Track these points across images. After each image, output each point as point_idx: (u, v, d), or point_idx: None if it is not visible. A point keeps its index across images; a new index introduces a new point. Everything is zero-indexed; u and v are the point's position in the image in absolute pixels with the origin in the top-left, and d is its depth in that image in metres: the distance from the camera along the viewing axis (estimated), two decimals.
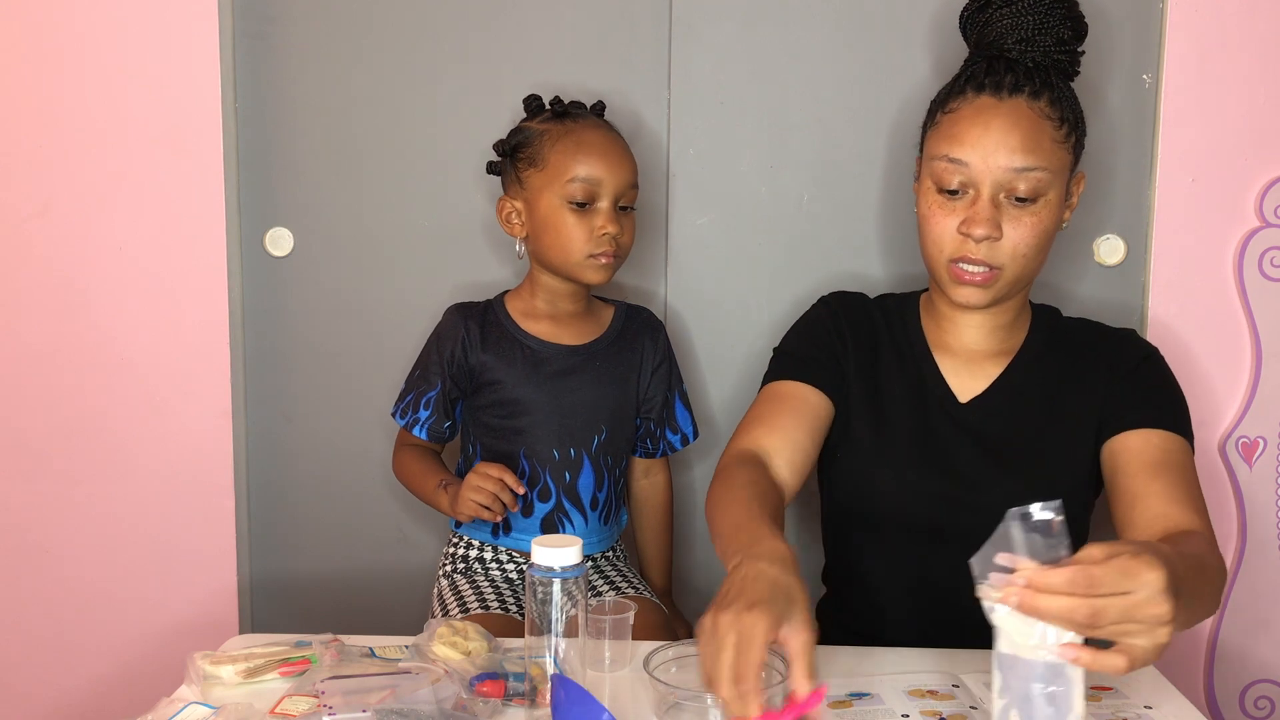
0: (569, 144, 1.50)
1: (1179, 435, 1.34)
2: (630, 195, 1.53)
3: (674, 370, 1.67)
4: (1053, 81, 1.34)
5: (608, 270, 1.53)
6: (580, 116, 1.55)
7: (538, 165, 1.52)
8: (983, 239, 1.31)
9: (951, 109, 1.36)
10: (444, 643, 1.20)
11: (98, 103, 1.75)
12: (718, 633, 0.95)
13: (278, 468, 1.84)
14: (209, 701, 1.10)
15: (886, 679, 1.18)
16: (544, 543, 1.12)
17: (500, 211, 1.58)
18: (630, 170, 1.53)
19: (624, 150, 1.54)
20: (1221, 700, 1.77)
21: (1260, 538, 1.74)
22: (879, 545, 1.43)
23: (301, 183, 1.78)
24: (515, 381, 1.55)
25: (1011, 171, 1.30)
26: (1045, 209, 1.32)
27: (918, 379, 1.43)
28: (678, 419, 1.67)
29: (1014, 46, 1.36)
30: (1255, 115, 1.68)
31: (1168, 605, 0.90)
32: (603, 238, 1.50)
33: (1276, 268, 1.69)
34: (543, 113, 1.57)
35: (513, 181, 1.56)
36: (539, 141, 1.52)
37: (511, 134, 1.58)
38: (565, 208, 1.50)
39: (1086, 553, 0.92)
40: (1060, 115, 1.33)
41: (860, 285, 1.76)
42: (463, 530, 1.62)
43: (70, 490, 1.82)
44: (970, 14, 1.42)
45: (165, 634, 1.84)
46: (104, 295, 1.78)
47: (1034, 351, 1.42)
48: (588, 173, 1.49)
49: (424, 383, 1.58)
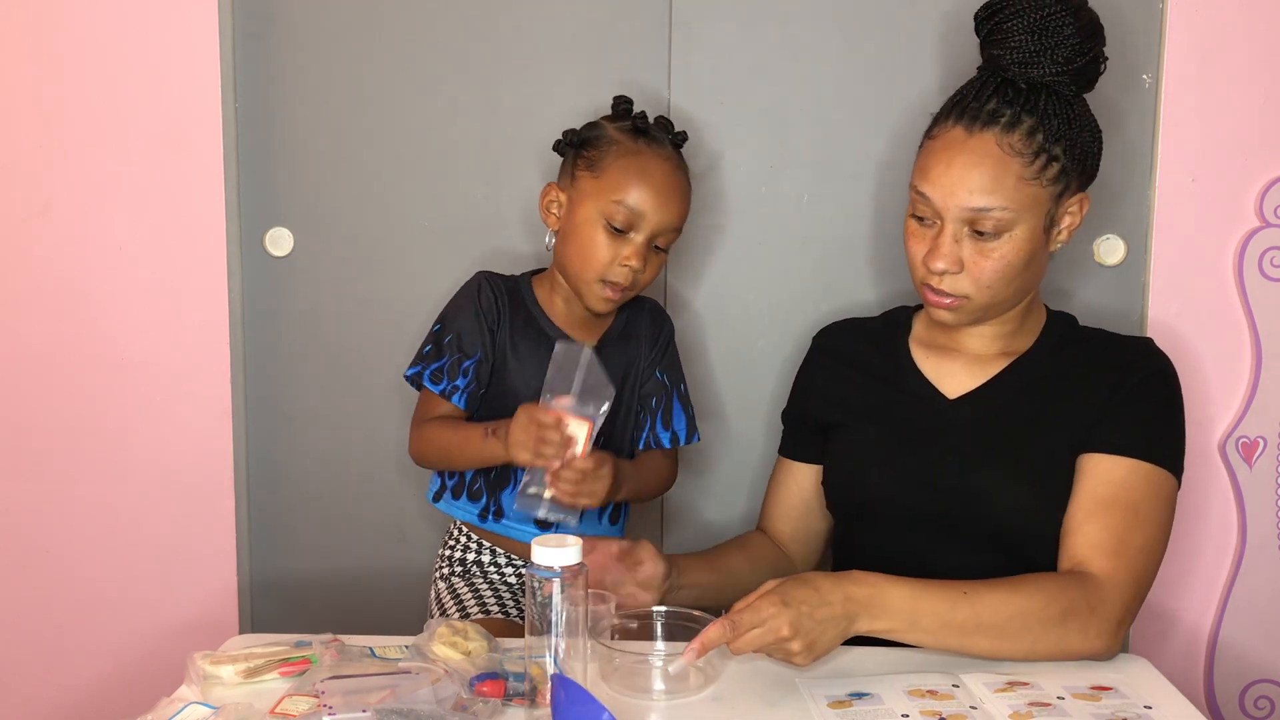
0: (631, 165, 1.45)
1: (1152, 464, 1.32)
2: (670, 237, 1.48)
3: (674, 366, 1.62)
4: (1043, 106, 1.31)
5: (611, 304, 1.49)
6: (655, 142, 1.48)
7: (594, 171, 1.46)
8: (941, 273, 1.33)
9: (933, 134, 1.37)
10: (444, 643, 1.20)
11: (98, 103, 1.75)
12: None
13: (278, 468, 1.84)
14: (209, 701, 1.10)
15: (886, 679, 1.19)
16: (544, 543, 1.12)
17: (544, 196, 1.52)
18: (680, 214, 1.47)
19: (683, 192, 1.48)
20: (1221, 700, 1.77)
21: (1260, 538, 1.74)
22: (875, 542, 1.44)
23: (301, 183, 1.78)
24: (522, 373, 1.51)
25: (971, 210, 1.31)
26: (1010, 244, 1.32)
27: (904, 380, 1.46)
28: (672, 415, 1.61)
29: (1012, 67, 1.33)
30: (1255, 115, 1.67)
31: (786, 632, 1.14)
32: (623, 269, 1.45)
33: (1276, 268, 1.69)
34: (625, 120, 1.50)
35: (566, 173, 1.50)
36: (605, 148, 1.47)
37: (585, 127, 1.51)
38: (601, 224, 1.44)
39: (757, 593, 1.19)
40: (1036, 148, 1.30)
41: (859, 285, 1.77)
42: (443, 507, 1.56)
43: (70, 490, 1.82)
44: (981, 19, 1.40)
45: (165, 634, 1.84)
46: (104, 295, 1.78)
47: (1039, 356, 1.43)
48: (636, 201, 1.43)
49: (461, 348, 1.50)
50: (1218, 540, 1.74)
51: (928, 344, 1.48)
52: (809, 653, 1.16)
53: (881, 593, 1.21)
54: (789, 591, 1.17)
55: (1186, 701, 1.15)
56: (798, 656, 1.16)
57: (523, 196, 1.76)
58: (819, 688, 1.17)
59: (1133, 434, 1.33)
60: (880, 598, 1.20)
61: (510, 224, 1.77)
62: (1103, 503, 1.31)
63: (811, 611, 1.16)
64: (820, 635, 1.17)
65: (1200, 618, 1.77)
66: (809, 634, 1.16)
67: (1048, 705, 1.11)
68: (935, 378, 1.44)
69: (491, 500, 1.53)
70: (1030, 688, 1.15)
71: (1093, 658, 1.25)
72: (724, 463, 1.81)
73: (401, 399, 1.80)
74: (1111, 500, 1.31)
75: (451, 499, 1.56)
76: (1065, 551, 1.32)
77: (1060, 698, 1.13)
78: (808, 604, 1.16)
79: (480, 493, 1.54)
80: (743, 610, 1.16)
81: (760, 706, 1.14)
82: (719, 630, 1.14)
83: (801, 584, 1.18)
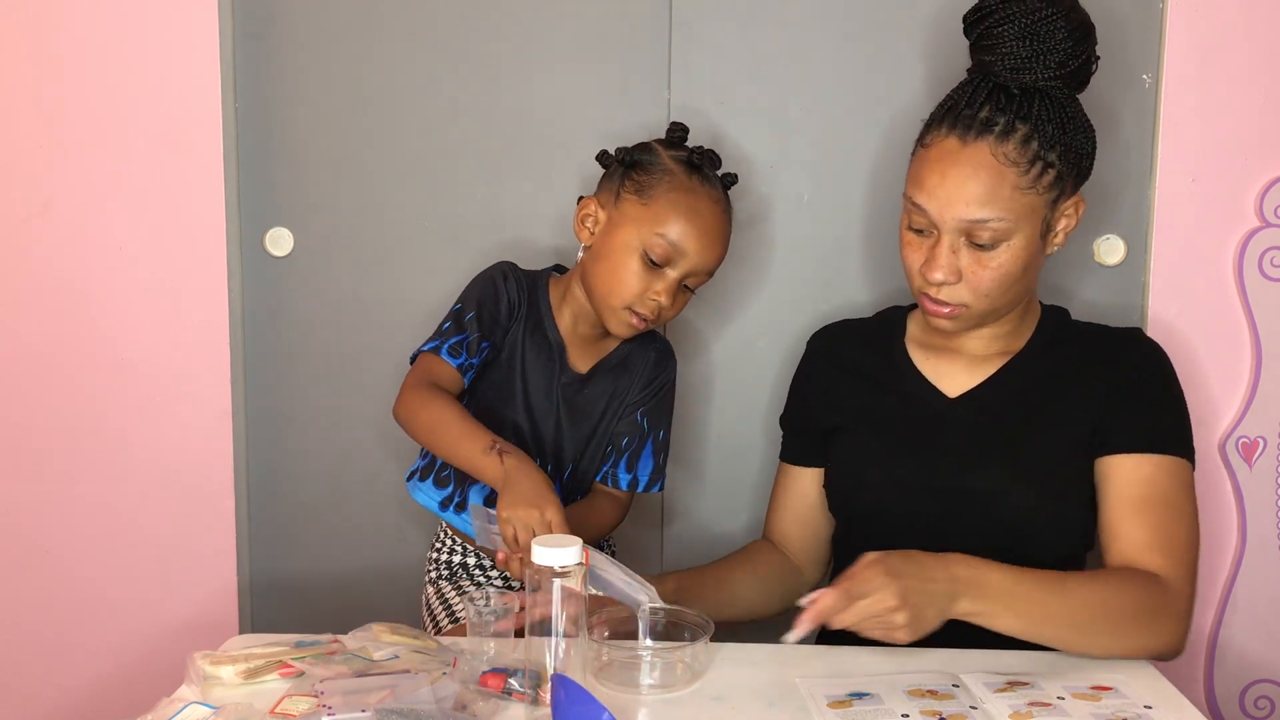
0: (681, 202, 1.42)
1: (1173, 456, 1.34)
2: (702, 280, 1.46)
3: (660, 413, 1.56)
4: (1036, 112, 1.29)
5: (634, 331, 1.46)
6: (708, 181, 1.45)
7: (642, 197, 1.43)
8: (940, 284, 1.33)
9: (926, 143, 1.35)
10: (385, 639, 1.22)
11: (98, 103, 1.75)
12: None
13: (278, 468, 1.84)
14: (209, 701, 1.10)
15: (886, 679, 1.18)
16: (544, 543, 1.12)
17: (580, 209, 1.48)
18: (718, 259, 1.46)
19: (726, 237, 1.46)
20: (1221, 700, 1.77)
21: (1260, 538, 1.74)
22: (877, 544, 1.43)
23: (301, 183, 1.78)
24: (519, 372, 1.49)
25: (968, 222, 1.30)
26: (1009, 252, 1.31)
27: (901, 382, 1.45)
28: (639, 460, 1.54)
29: (1004, 73, 1.31)
30: (1255, 115, 1.67)
31: (894, 602, 1.13)
32: (651, 302, 1.42)
33: (1276, 268, 1.69)
34: (680, 150, 1.47)
35: (610, 191, 1.46)
36: (658, 176, 1.43)
37: (637, 148, 1.48)
38: (639, 253, 1.41)
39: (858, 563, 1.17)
40: (1032, 156, 1.29)
41: (859, 285, 1.77)
42: (410, 488, 1.52)
43: (70, 490, 1.82)
44: (970, 23, 1.38)
45: (165, 634, 1.84)
46: (104, 295, 1.78)
47: (1035, 352, 1.43)
48: (679, 238, 1.41)
49: (481, 328, 1.46)
50: (1218, 540, 1.74)
51: (924, 344, 1.47)
52: (914, 626, 1.14)
53: (983, 575, 1.20)
54: (894, 564, 1.16)
55: (1186, 701, 1.15)
56: (901, 630, 1.14)
57: (523, 196, 1.76)
58: (819, 688, 1.17)
59: (1148, 431, 1.34)
60: (982, 579, 1.20)
61: (510, 224, 1.77)
62: (1138, 503, 1.31)
63: (919, 585, 1.15)
64: (926, 609, 1.15)
65: (1200, 618, 1.77)
66: (916, 607, 1.14)
67: (1048, 705, 1.11)
68: (934, 378, 1.44)
69: (457, 490, 1.50)
70: (1030, 688, 1.15)
71: (1162, 657, 1.26)
72: (724, 464, 1.81)
73: None
74: (1145, 500, 1.31)
75: (419, 481, 1.52)
76: (1112, 557, 1.32)
77: (1060, 698, 1.13)
78: (915, 577, 1.15)
79: (448, 480, 1.50)
80: (848, 581, 1.14)
81: (760, 706, 1.14)
82: (833, 599, 1.12)
83: (906, 558, 1.18)
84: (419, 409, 1.39)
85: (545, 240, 1.76)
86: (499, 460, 1.29)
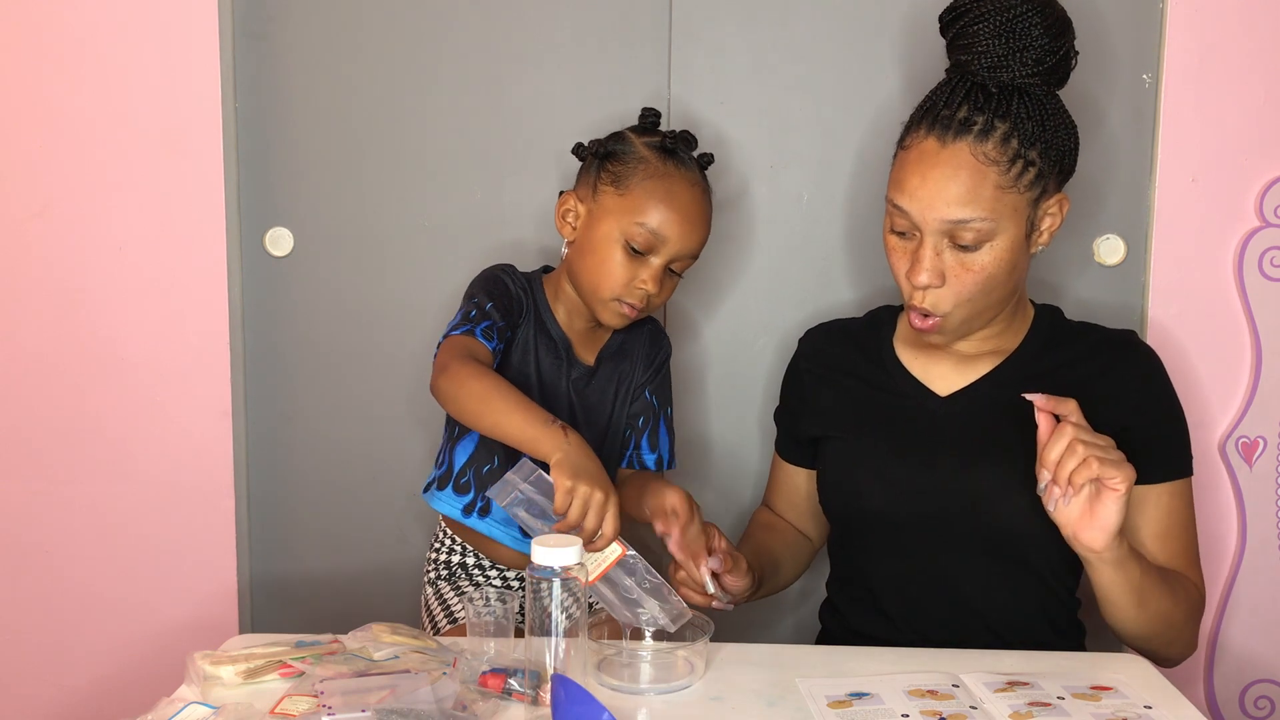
0: (658, 188, 1.42)
1: (1184, 478, 1.38)
2: (687, 263, 1.46)
3: (664, 389, 1.58)
4: (1015, 110, 1.29)
5: (626, 321, 1.47)
6: (683, 164, 1.45)
7: (619, 188, 1.43)
8: (925, 287, 1.33)
9: (905, 145, 1.35)
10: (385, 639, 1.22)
11: (98, 103, 1.75)
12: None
13: (278, 468, 1.84)
14: (209, 701, 1.10)
15: (886, 679, 1.19)
16: (544, 543, 1.12)
17: (560, 205, 1.48)
18: (700, 241, 1.46)
19: (706, 218, 1.46)
20: (1221, 700, 1.77)
21: (1260, 538, 1.74)
22: (870, 542, 1.44)
23: (301, 183, 1.79)
24: (525, 370, 1.48)
25: (950, 223, 1.29)
26: (991, 254, 1.31)
27: (891, 381, 1.45)
28: (659, 438, 1.57)
29: (981, 72, 1.30)
30: (1255, 115, 1.67)
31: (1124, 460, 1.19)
32: (638, 291, 1.43)
33: (1276, 268, 1.69)
34: (653, 135, 1.47)
35: (587, 184, 1.47)
36: (633, 165, 1.43)
37: (611, 138, 1.48)
38: (621, 244, 1.42)
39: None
40: (1012, 155, 1.28)
41: (859, 284, 1.77)
42: (428, 498, 1.52)
43: (70, 490, 1.82)
44: (946, 22, 1.37)
45: (165, 634, 1.84)
46: (104, 296, 1.78)
47: (1029, 352, 1.42)
48: (660, 225, 1.41)
49: (506, 317, 1.45)
50: (1218, 540, 1.74)
51: (914, 343, 1.47)
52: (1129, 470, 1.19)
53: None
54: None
55: (1186, 701, 1.15)
56: (1126, 465, 1.19)
57: (523, 196, 1.76)
58: (819, 688, 1.17)
59: (1164, 461, 1.37)
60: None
61: (510, 224, 1.77)
62: (1162, 533, 1.38)
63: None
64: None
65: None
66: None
67: (1048, 705, 1.11)
68: (924, 378, 1.44)
69: (479, 496, 1.49)
70: (1030, 688, 1.15)
71: (1182, 659, 1.38)
72: (722, 461, 1.81)
73: (402, 398, 1.80)
74: (1169, 529, 1.38)
75: (437, 491, 1.52)
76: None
77: (1060, 698, 1.13)
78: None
79: (468, 486, 1.50)
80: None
81: (760, 706, 1.14)
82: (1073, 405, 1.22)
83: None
84: (467, 378, 1.32)
85: (545, 240, 1.76)
86: (563, 433, 1.25)
